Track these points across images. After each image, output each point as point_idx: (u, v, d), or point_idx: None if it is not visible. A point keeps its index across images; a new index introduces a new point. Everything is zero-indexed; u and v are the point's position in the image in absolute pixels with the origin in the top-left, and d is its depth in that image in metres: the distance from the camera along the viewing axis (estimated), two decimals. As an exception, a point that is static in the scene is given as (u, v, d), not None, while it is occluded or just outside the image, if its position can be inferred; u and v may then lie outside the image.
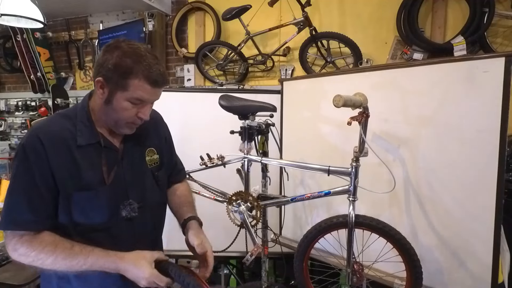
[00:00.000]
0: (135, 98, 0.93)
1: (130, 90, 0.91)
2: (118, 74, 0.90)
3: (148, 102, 0.98)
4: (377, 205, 1.73)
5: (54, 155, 0.91)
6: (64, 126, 0.96)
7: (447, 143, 1.51)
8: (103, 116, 0.99)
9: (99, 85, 0.93)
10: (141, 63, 0.90)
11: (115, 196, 1.00)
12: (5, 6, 1.98)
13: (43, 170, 0.91)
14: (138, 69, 0.90)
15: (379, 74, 1.71)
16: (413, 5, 2.40)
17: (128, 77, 0.90)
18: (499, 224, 1.39)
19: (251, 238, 1.61)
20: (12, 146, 4.01)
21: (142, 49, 0.93)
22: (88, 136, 0.97)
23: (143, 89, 0.92)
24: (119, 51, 0.90)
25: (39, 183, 0.91)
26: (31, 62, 3.64)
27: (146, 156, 1.11)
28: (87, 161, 0.96)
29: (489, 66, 1.37)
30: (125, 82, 0.90)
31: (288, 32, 2.68)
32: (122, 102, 0.93)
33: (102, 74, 0.92)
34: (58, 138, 0.93)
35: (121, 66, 0.89)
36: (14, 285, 1.95)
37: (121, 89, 0.91)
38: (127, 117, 0.96)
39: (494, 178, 1.38)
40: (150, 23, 3.15)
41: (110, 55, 0.91)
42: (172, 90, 2.78)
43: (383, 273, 1.69)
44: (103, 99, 0.95)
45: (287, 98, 2.18)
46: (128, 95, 0.92)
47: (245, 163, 1.70)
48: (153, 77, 0.92)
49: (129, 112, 0.95)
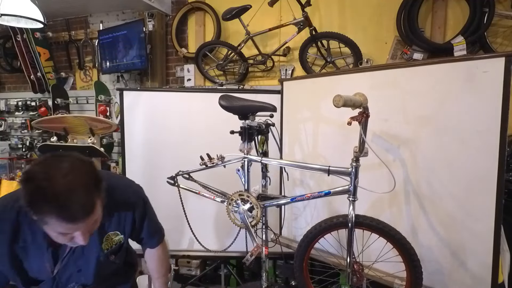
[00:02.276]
0: (59, 232, 0.85)
1: (50, 226, 0.83)
2: (33, 212, 0.81)
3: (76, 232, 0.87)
4: (377, 205, 1.73)
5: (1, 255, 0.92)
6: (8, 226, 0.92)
7: (447, 143, 1.51)
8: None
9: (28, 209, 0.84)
10: (53, 204, 0.78)
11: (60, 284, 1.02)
12: (5, 6, 1.98)
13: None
14: (51, 210, 0.79)
15: (379, 74, 1.71)
16: (413, 5, 2.39)
17: (43, 216, 0.81)
18: (499, 224, 1.39)
19: (251, 238, 1.61)
20: (12, 146, 4.01)
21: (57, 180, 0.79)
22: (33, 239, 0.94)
23: (62, 226, 0.83)
24: (30, 184, 0.79)
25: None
26: (31, 62, 3.64)
27: (103, 241, 1.08)
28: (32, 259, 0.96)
29: (489, 66, 1.37)
30: (43, 221, 0.82)
31: (288, 32, 2.68)
32: (52, 233, 0.86)
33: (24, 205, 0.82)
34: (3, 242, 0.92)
35: (33, 205, 0.80)
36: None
37: (42, 223, 0.83)
38: (63, 241, 0.90)
39: (494, 178, 1.38)
40: (150, 23, 3.16)
41: (23, 190, 0.80)
42: (172, 90, 2.78)
43: (383, 273, 1.69)
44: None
45: (287, 98, 2.18)
46: (51, 229, 0.85)
47: (245, 163, 1.70)
48: (68, 214, 0.81)
49: (63, 239, 0.88)
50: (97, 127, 2.76)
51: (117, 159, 3.52)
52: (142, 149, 2.40)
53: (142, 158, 2.40)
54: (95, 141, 2.72)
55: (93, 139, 2.71)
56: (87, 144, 2.70)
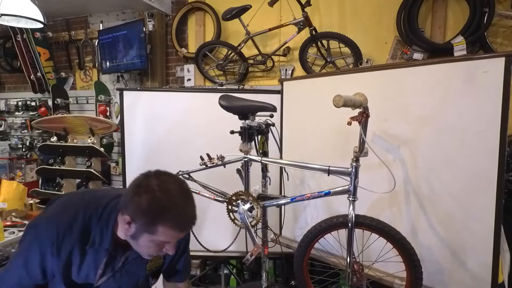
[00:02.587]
0: (161, 241, 0.92)
1: (157, 235, 0.89)
2: (147, 219, 0.88)
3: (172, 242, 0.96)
4: (377, 205, 1.73)
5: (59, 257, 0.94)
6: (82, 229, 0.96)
7: (447, 143, 1.51)
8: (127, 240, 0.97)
9: (126, 221, 0.91)
10: (171, 211, 0.88)
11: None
12: (5, 6, 1.98)
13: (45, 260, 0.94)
14: (168, 217, 0.88)
15: (379, 74, 1.71)
16: (413, 5, 2.39)
17: (157, 223, 0.88)
18: (499, 224, 1.39)
19: (251, 238, 1.61)
20: (12, 146, 4.01)
21: (173, 193, 0.89)
22: (100, 242, 0.98)
23: (170, 235, 0.91)
24: (149, 196, 0.87)
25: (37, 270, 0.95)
26: (31, 62, 3.64)
27: (149, 261, 1.11)
28: (85, 262, 0.98)
29: (489, 66, 1.37)
30: (154, 228, 0.88)
31: (288, 32, 2.68)
32: (147, 242, 0.92)
33: (130, 213, 0.90)
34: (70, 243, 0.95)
35: (151, 214, 0.87)
36: None
37: (148, 232, 0.89)
38: (150, 252, 0.96)
39: (494, 178, 1.38)
40: (150, 23, 3.16)
41: (139, 199, 0.87)
42: (172, 90, 2.79)
43: (383, 273, 1.69)
44: (129, 234, 0.93)
45: (287, 98, 2.18)
46: (155, 238, 0.90)
47: (245, 163, 1.70)
48: (182, 224, 0.91)
49: (153, 249, 0.95)
50: (97, 127, 2.76)
51: (117, 159, 3.52)
52: (142, 149, 2.40)
53: (142, 158, 2.40)
54: (95, 141, 2.72)
55: (93, 139, 2.72)
56: (87, 144, 2.70)
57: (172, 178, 0.94)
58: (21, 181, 3.46)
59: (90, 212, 0.98)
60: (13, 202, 2.45)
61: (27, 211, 2.44)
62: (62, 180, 2.83)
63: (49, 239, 0.93)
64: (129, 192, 0.91)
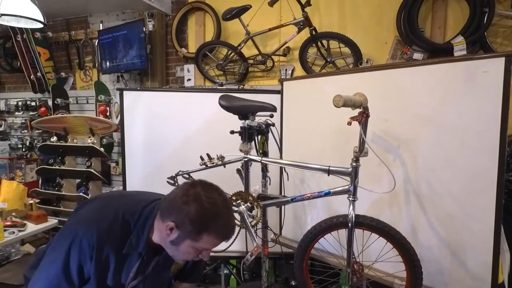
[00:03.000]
0: (202, 248, 0.96)
1: (201, 242, 0.94)
2: (193, 227, 0.92)
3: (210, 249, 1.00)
4: (377, 205, 1.73)
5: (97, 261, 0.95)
6: (121, 233, 0.98)
7: (447, 143, 1.51)
8: (163, 245, 1.00)
9: (169, 227, 0.94)
10: (218, 222, 0.93)
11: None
12: (5, 6, 1.98)
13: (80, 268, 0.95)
14: (214, 227, 0.93)
15: (379, 74, 1.71)
16: (413, 5, 2.39)
17: (203, 232, 0.92)
18: (499, 224, 1.39)
19: (251, 238, 1.61)
20: (12, 146, 4.01)
21: (219, 203, 0.94)
22: (135, 247, 0.99)
23: (213, 243, 0.96)
24: (198, 205, 0.91)
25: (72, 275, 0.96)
26: (31, 62, 3.64)
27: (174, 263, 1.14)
28: (119, 265, 0.99)
29: (489, 66, 1.37)
30: (199, 236, 0.93)
31: (288, 32, 2.68)
32: (188, 248, 0.96)
33: (176, 220, 0.93)
34: (109, 247, 0.96)
35: (198, 222, 0.91)
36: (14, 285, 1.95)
37: (191, 239, 0.94)
38: (187, 257, 1.00)
39: (494, 178, 1.38)
40: (150, 23, 3.16)
41: (188, 207, 0.91)
42: (172, 90, 2.79)
43: (383, 273, 1.69)
44: (169, 239, 0.96)
45: (287, 98, 2.18)
46: (197, 245, 0.95)
47: (245, 163, 1.70)
48: (226, 234, 0.96)
49: (191, 255, 0.99)
50: (97, 127, 2.76)
51: (117, 159, 3.52)
52: (142, 149, 2.40)
53: (142, 158, 2.40)
54: (95, 141, 2.72)
55: (93, 139, 2.72)
56: (87, 144, 2.70)
57: (216, 190, 0.98)
58: (21, 181, 3.46)
59: (128, 217, 1.00)
60: (13, 202, 2.45)
61: (27, 211, 2.44)
62: (62, 180, 2.84)
63: (89, 243, 0.93)
64: (175, 199, 0.94)
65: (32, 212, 2.42)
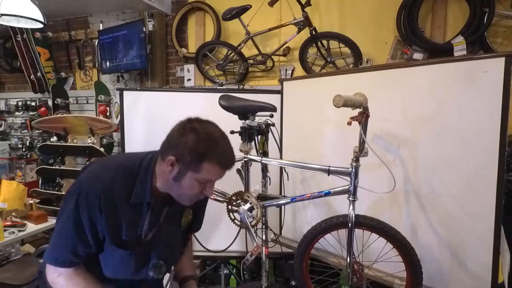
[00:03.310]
0: (205, 179, 0.97)
1: (202, 173, 0.94)
2: (193, 157, 0.93)
3: (214, 181, 1.02)
4: (377, 205, 1.73)
5: (108, 211, 0.96)
6: (124, 183, 0.99)
7: (447, 143, 1.51)
8: (167, 187, 1.01)
9: (169, 163, 0.95)
10: (216, 149, 0.94)
11: (147, 256, 1.05)
12: (5, 6, 1.98)
13: (94, 222, 0.96)
14: (212, 154, 0.93)
15: (379, 74, 1.71)
16: (413, 5, 2.39)
17: (202, 161, 0.93)
18: (499, 224, 1.39)
19: (251, 238, 1.61)
20: (12, 146, 4.01)
21: (216, 133, 0.97)
22: (142, 196, 1.00)
23: (214, 172, 0.96)
24: (195, 135, 0.93)
25: (88, 233, 0.96)
26: (31, 62, 3.64)
27: (183, 217, 1.15)
28: (131, 219, 1.00)
29: (489, 66, 1.37)
30: (199, 165, 0.93)
31: (288, 32, 2.68)
32: (191, 181, 0.96)
33: (175, 153, 0.94)
34: (117, 197, 0.97)
35: (197, 151, 0.92)
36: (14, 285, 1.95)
37: (192, 170, 0.94)
38: (192, 194, 1.00)
39: (494, 178, 1.38)
40: (150, 23, 3.16)
41: (185, 138, 0.93)
42: (172, 90, 2.78)
43: (383, 273, 1.69)
44: (172, 176, 0.97)
45: (287, 98, 2.18)
46: (199, 176, 0.95)
47: (245, 163, 1.70)
48: (225, 161, 0.96)
49: (195, 190, 0.99)
50: (97, 127, 2.76)
51: (117, 159, 3.51)
52: (142, 149, 2.36)
53: (142, 158, 2.39)
54: (95, 141, 2.72)
55: (93, 139, 2.72)
56: (87, 144, 2.70)
57: (212, 123, 1.00)
58: (21, 181, 3.46)
59: (130, 168, 1.02)
60: (13, 202, 2.45)
61: (27, 211, 2.44)
62: (62, 180, 2.83)
63: (96, 195, 0.94)
64: (172, 135, 0.97)
65: (32, 212, 2.41)
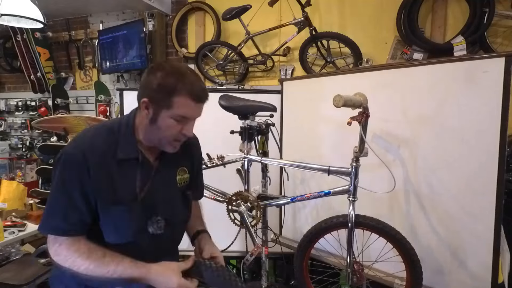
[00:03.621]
0: (179, 115, 0.96)
1: (175, 108, 0.95)
2: (163, 93, 0.93)
3: (191, 119, 1.02)
4: (377, 205, 1.73)
5: (95, 171, 0.94)
6: (108, 140, 0.99)
7: (447, 143, 1.51)
8: (148, 134, 1.01)
9: (144, 105, 0.97)
10: (184, 81, 0.94)
11: (144, 212, 1.03)
12: (5, 6, 1.98)
13: (82, 185, 0.94)
14: (181, 86, 0.93)
15: (379, 74, 1.71)
16: (413, 5, 2.39)
17: (172, 95, 0.93)
18: (499, 224, 1.39)
19: (251, 238, 1.61)
20: (12, 146, 4.01)
21: (183, 68, 0.97)
22: (128, 151, 1.00)
23: (187, 105, 0.96)
24: (162, 71, 0.94)
25: (78, 197, 0.94)
26: (31, 62, 3.64)
27: (177, 175, 1.14)
28: (123, 175, 0.99)
29: (489, 66, 1.37)
30: (170, 100, 0.94)
31: (288, 32, 2.68)
32: (167, 120, 0.96)
33: (147, 95, 0.96)
34: (101, 154, 0.96)
35: (165, 85, 0.93)
36: (14, 285, 1.95)
37: (166, 107, 0.95)
38: (171, 135, 0.99)
39: (494, 178, 1.38)
40: (150, 23, 3.16)
41: (153, 76, 0.94)
42: (172, 90, 2.77)
43: (383, 273, 1.69)
44: (149, 119, 0.98)
45: (287, 98, 2.18)
46: (173, 112, 0.95)
47: (245, 163, 1.70)
48: (196, 93, 0.96)
49: (174, 129, 0.99)
50: (97, 127, 2.76)
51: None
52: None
53: (142, 158, 2.39)
54: (95, 141, 2.72)
55: (93, 139, 2.71)
56: (87, 144, 2.70)
57: (179, 63, 1.01)
58: (21, 181, 3.46)
59: (109, 128, 1.02)
60: (13, 202, 2.45)
61: (27, 211, 2.44)
62: (62, 180, 2.83)
63: (79, 155, 0.93)
64: (142, 80, 0.99)
65: (32, 212, 2.42)
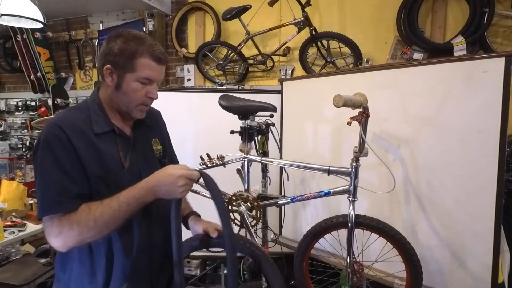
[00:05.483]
0: (143, 77, 1.00)
1: (138, 70, 0.99)
2: (125, 57, 0.97)
3: (154, 81, 1.05)
4: (377, 205, 1.73)
5: (77, 141, 0.95)
6: (80, 117, 1.01)
7: (447, 143, 1.51)
8: (114, 103, 1.04)
9: (108, 72, 1.00)
10: (145, 44, 0.99)
11: (132, 180, 1.02)
12: (5, 6, 1.98)
13: (71, 156, 0.93)
14: (142, 49, 0.98)
15: (379, 74, 1.71)
16: (413, 5, 2.39)
17: (134, 57, 0.97)
18: (499, 224, 1.39)
19: (251, 238, 1.61)
20: (12, 146, 4.01)
21: (141, 34, 1.03)
22: (103, 125, 1.02)
23: (149, 67, 1.00)
24: (122, 37, 0.99)
25: (70, 170, 0.93)
26: (31, 62, 3.64)
27: (153, 145, 1.18)
28: (105, 148, 1.01)
29: (489, 66, 1.37)
30: (132, 63, 0.98)
31: (288, 32, 2.68)
32: (132, 83, 1.00)
33: (109, 61, 0.99)
34: (77, 127, 0.97)
35: (127, 49, 0.97)
36: (14, 285, 1.95)
37: (129, 71, 0.98)
38: (137, 98, 1.03)
39: (494, 178, 1.38)
40: (150, 23, 3.16)
41: (114, 43, 0.99)
42: (172, 90, 2.78)
43: (383, 273, 1.69)
44: (113, 85, 1.01)
45: (287, 98, 2.18)
46: (137, 75, 0.99)
47: (245, 163, 1.70)
48: (156, 54, 1.00)
49: (139, 93, 1.02)
50: (97, 127, 2.76)
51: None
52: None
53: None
54: (95, 141, 2.72)
55: (93, 139, 2.71)
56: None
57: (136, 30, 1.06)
58: (21, 181, 3.45)
59: (78, 107, 1.06)
60: (13, 202, 2.45)
61: (27, 211, 2.44)
62: (62, 180, 2.83)
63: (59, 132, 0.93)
64: (104, 46, 1.02)
65: (32, 212, 2.41)
